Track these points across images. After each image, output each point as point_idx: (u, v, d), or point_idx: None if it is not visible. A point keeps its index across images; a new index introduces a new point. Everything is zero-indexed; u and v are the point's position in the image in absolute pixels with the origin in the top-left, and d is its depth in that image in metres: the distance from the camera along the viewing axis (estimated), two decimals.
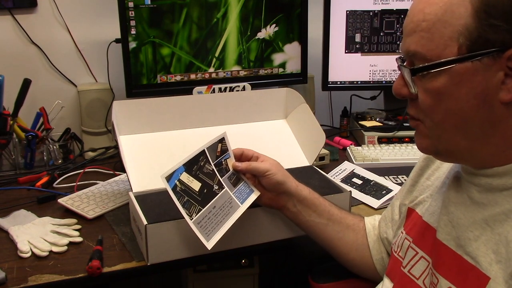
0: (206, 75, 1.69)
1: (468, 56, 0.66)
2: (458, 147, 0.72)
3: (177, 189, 0.96)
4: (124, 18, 1.55)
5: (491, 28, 0.64)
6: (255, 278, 1.56)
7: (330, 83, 1.81)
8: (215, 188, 1.01)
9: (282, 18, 1.71)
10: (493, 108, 0.67)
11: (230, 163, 1.05)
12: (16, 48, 1.68)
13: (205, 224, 0.97)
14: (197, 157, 1.01)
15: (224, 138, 1.05)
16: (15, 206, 1.30)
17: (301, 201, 1.03)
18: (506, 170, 0.70)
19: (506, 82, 0.66)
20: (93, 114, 1.70)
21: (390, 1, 1.74)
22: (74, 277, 1.01)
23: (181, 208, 0.95)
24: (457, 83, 0.68)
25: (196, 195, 0.98)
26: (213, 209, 0.99)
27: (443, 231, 0.78)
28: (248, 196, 1.05)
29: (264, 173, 1.01)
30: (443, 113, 0.70)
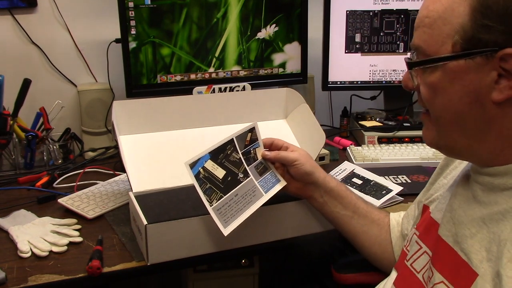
0: (206, 75, 1.69)
1: (461, 54, 0.68)
2: (456, 144, 0.74)
3: (200, 176, 0.99)
4: (124, 18, 1.55)
5: (485, 28, 0.65)
6: (255, 278, 1.57)
7: (330, 83, 1.81)
8: (240, 177, 1.04)
9: (282, 18, 1.71)
10: (485, 107, 0.69)
11: (259, 152, 1.08)
12: (16, 48, 1.68)
13: (225, 211, 0.99)
14: (224, 145, 1.04)
15: (254, 128, 1.08)
16: (15, 206, 1.30)
17: (328, 192, 1.05)
18: (507, 169, 0.71)
19: (499, 82, 0.67)
20: (93, 114, 1.70)
21: (390, 1, 1.74)
22: (74, 277, 1.01)
23: (202, 194, 0.98)
24: (450, 79, 0.70)
25: (219, 182, 1.01)
26: (235, 197, 1.01)
27: (444, 227, 0.79)
28: (273, 186, 1.06)
29: (292, 163, 1.03)
30: (439, 108, 0.73)
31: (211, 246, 1.08)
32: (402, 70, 1.79)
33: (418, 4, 1.73)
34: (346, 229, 1.06)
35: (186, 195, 1.14)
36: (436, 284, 0.76)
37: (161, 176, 1.21)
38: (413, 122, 1.78)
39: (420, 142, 1.68)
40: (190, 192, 1.15)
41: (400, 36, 1.77)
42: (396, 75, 1.80)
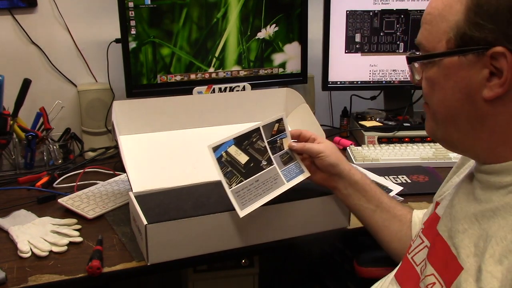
0: (206, 75, 1.69)
1: (455, 51, 0.70)
2: (452, 138, 0.76)
3: (222, 159, 1.04)
4: (124, 18, 1.55)
5: (477, 26, 0.67)
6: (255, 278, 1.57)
7: (330, 83, 1.81)
8: (263, 164, 1.07)
9: (282, 18, 1.71)
10: (477, 104, 0.70)
11: (286, 143, 1.11)
12: (16, 48, 1.68)
13: (243, 195, 1.03)
14: (250, 133, 1.08)
15: (282, 119, 1.11)
16: (15, 206, 1.30)
17: (352, 184, 1.07)
18: (502, 168, 0.72)
19: (491, 80, 0.68)
20: (93, 114, 1.70)
21: (390, 1, 1.74)
22: (74, 277, 1.01)
23: (222, 176, 1.02)
24: (445, 75, 0.72)
25: (241, 167, 1.04)
26: (255, 182, 1.05)
27: (442, 222, 0.81)
28: (296, 176, 1.09)
29: (317, 154, 1.06)
30: (436, 102, 0.76)
31: (211, 246, 1.08)
32: (402, 70, 1.79)
33: (418, 4, 1.73)
34: (368, 222, 1.08)
35: (186, 195, 1.14)
36: (427, 276, 0.78)
37: (161, 176, 1.21)
38: (413, 122, 1.78)
39: (420, 142, 1.68)
40: (190, 192, 1.15)
41: (400, 36, 1.77)
42: (396, 75, 1.80)
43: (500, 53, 0.66)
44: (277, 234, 1.13)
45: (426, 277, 0.78)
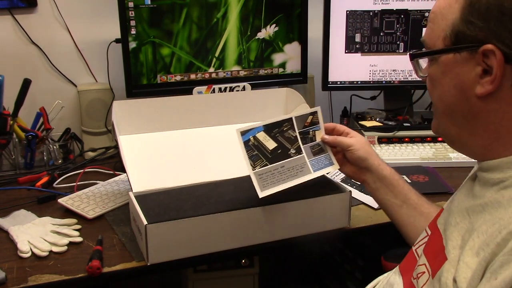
0: (206, 75, 1.69)
1: (450, 49, 0.73)
2: (451, 133, 0.79)
3: (249, 143, 1.08)
4: (124, 18, 1.55)
5: (470, 24, 0.70)
6: (255, 278, 1.57)
7: (330, 83, 1.81)
8: (291, 152, 1.11)
9: (282, 18, 1.71)
10: (470, 100, 0.72)
11: (319, 135, 1.14)
12: (16, 48, 1.68)
13: (266, 178, 1.07)
14: (281, 122, 1.12)
15: (317, 112, 1.15)
16: (15, 206, 1.30)
17: (381, 179, 1.09)
18: (496, 164, 0.74)
19: (483, 77, 0.70)
20: (93, 114, 1.70)
21: (390, 1, 1.74)
22: (74, 277, 1.01)
23: (247, 158, 1.06)
24: (442, 72, 0.75)
25: (267, 152, 1.08)
26: (280, 168, 1.09)
27: (442, 216, 0.83)
28: (325, 167, 1.13)
29: (348, 147, 1.10)
30: (436, 98, 0.79)
31: (211, 246, 1.08)
32: (402, 70, 1.79)
33: (418, 4, 1.73)
34: (394, 217, 1.09)
35: (186, 195, 1.14)
36: (419, 266, 0.81)
37: (161, 176, 1.21)
38: (413, 122, 1.78)
39: (420, 142, 1.68)
40: (190, 192, 1.15)
41: (400, 36, 1.77)
42: (396, 75, 1.80)
43: (490, 50, 0.68)
44: (277, 234, 1.13)
45: (419, 267, 0.82)
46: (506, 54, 0.67)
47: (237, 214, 1.07)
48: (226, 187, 1.18)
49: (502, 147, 0.73)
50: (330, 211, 1.16)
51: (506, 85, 0.69)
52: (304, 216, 1.14)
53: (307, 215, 1.14)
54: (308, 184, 1.17)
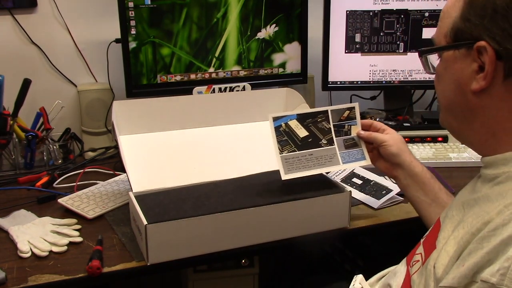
0: (206, 75, 1.69)
1: (451, 45, 0.76)
2: (453, 128, 0.82)
3: (280, 128, 1.12)
4: (124, 18, 1.55)
5: (467, 22, 0.72)
6: (255, 278, 1.57)
7: (330, 83, 1.81)
8: (323, 142, 1.15)
9: (282, 18, 1.71)
10: (467, 96, 0.75)
11: (354, 130, 1.18)
12: (16, 48, 1.68)
13: (292, 162, 1.12)
14: (315, 113, 1.16)
15: (354, 108, 1.19)
16: (15, 206, 1.30)
17: (412, 176, 1.11)
18: (492, 160, 0.75)
19: (479, 73, 0.72)
20: (93, 114, 1.70)
21: (390, 1, 1.74)
22: (74, 277, 1.01)
23: (276, 142, 1.12)
24: (444, 68, 0.78)
25: (297, 140, 1.13)
26: (308, 156, 1.13)
27: (445, 209, 0.86)
28: (355, 161, 1.17)
29: (380, 143, 1.14)
30: (439, 92, 0.82)
31: (211, 246, 1.08)
32: (402, 70, 1.79)
33: (418, 4, 1.73)
34: (423, 214, 1.10)
35: (186, 195, 1.14)
36: (416, 254, 0.85)
37: (161, 176, 1.21)
38: (413, 122, 1.78)
39: (420, 142, 1.68)
40: (190, 192, 1.15)
41: (400, 36, 1.77)
42: (396, 75, 1.80)
43: (483, 47, 0.70)
44: (277, 234, 1.13)
45: (415, 255, 0.85)
46: (497, 50, 0.69)
47: (237, 214, 1.07)
48: (226, 187, 1.18)
49: (497, 144, 0.74)
50: (330, 211, 1.16)
51: (498, 82, 0.71)
52: (304, 216, 1.14)
53: (307, 215, 1.14)
54: (308, 184, 1.17)
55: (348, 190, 1.17)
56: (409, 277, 0.84)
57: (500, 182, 0.72)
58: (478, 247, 0.66)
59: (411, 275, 0.83)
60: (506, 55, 0.69)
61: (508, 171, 0.72)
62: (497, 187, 0.72)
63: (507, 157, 0.73)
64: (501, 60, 0.69)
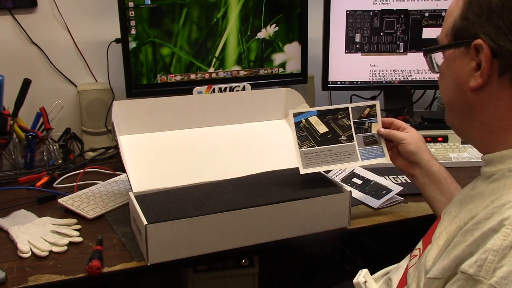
0: (206, 75, 1.69)
1: (452, 44, 0.77)
2: (455, 125, 0.83)
3: (300, 124, 1.16)
4: (124, 18, 1.55)
5: (466, 21, 0.74)
6: (255, 278, 1.57)
7: (330, 83, 1.81)
8: (342, 139, 1.18)
9: (282, 18, 1.71)
10: (466, 93, 0.76)
11: (375, 127, 1.20)
12: (16, 48, 1.68)
13: (311, 157, 1.15)
14: (336, 110, 1.19)
15: (375, 106, 1.21)
16: (15, 206, 1.30)
17: (429, 175, 1.12)
18: (490, 158, 0.76)
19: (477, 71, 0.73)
20: (93, 114, 1.70)
21: (390, 1, 1.74)
22: (74, 277, 1.01)
23: (295, 137, 1.15)
24: (446, 66, 0.80)
25: (317, 136, 1.16)
26: (327, 151, 1.16)
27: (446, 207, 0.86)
28: (375, 158, 1.19)
29: (400, 141, 1.16)
30: (442, 90, 0.83)
31: (211, 246, 1.08)
32: (402, 70, 1.79)
33: (418, 4, 1.73)
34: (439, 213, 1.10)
35: (186, 195, 1.14)
36: (415, 249, 0.87)
37: (161, 176, 1.21)
38: (413, 122, 1.78)
39: None
40: (190, 192, 1.15)
41: (400, 36, 1.76)
42: (396, 75, 1.80)
43: (479, 45, 0.71)
44: (277, 234, 1.13)
45: (414, 250, 0.87)
46: (492, 48, 0.70)
47: (237, 214, 1.07)
48: (226, 187, 1.18)
49: (495, 141, 0.75)
50: (330, 211, 1.16)
51: (494, 79, 0.72)
52: (304, 216, 1.14)
53: (307, 215, 1.14)
54: (308, 184, 1.17)
55: (348, 190, 1.17)
56: (407, 271, 0.86)
57: (495, 180, 0.73)
58: (461, 240, 0.68)
59: (408, 268, 0.85)
60: (500, 52, 0.70)
61: (504, 168, 0.73)
62: (492, 184, 0.73)
63: (504, 155, 0.74)
64: (496, 57, 0.71)
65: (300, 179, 1.18)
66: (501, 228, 0.63)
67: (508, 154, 0.73)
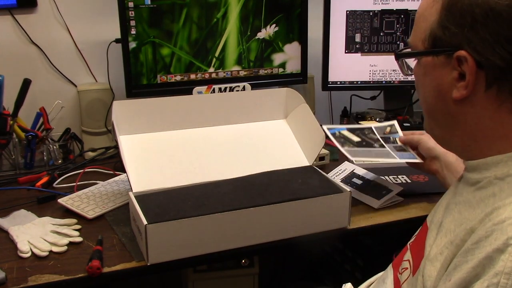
0: (206, 75, 1.69)
1: (430, 51, 0.73)
2: (435, 133, 0.81)
3: (336, 134, 1.26)
4: (124, 18, 1.55)
5: (445, 29, 0.70)
6: (255, 278, 1.57)
7: (330, 83, 1.81)
8: (375, 146, 1.27)
9: (282, 18, 1.71)
10: (448, 102, 0.73)
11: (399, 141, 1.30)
12: (16, 48, 1.68)
13: (355, 152, 1.23)
14: (361, 128, 1.32)
15: (394, 125, 1.34)
16: (15, 206, 1.30)
17: (447, 166, 1.15)
18: (475, 165, 0.75)
19: (459, 82, 0.70)
20: (93, 114, 1.70)
21: (390, 1, 1.74)
22: (74, 277, 1.01)
23: (336, 141, 1.24)
24: (424, 73, 0.76)
25: (353, 143, 1.26)
26: (367, 151, 1.25)
27: (430, 213, 0.86)
28: (409, 158, 1.25)
29: (418, 140, 1.22)
30: (420, 98, 0.80)
31: (211, 246, 1.08)
32: None
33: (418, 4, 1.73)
34: None
35: (186, 195, 1.14)
36: (404, 261, 0.84)
37: (161, 176, 1.21)
38: (413, 122, 1.78)
39: None
40: (190, 192, 1.15)
41: (400, 36, 1.77)
42: (396, 75, 1.80)
43: (463, 57, 0.68)
44: (277, 234, 1.13)
45: (403, 262, 0.84)
46: (478, 60, 0.67)
47: (237, 214, 1.07)
48: (226, 187, 1.18)
49: (479, 149, 0.73)
50: (330, 211, 1.16)
51: (480, 91, 0.69)
52: (304, 216, 1.14)
53: (307, 215, 1.14)
54: (308, 184, 1.17)
55: (348, 190, 1.17)
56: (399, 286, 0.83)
57: (481, 187, 0.72)
58: (463, 261, 0.65)
59: (401, 283, 0.82)
60: (487, 65, 0.67)
61: (490, 176, 0.71)
62: (479, 192, 0.72)
63: (489, 162, 0.72)
64: (482, 69, 0.68)
65: (300, 179, 1.19)
66: (507, 248, 0.60)
67: (493, 161, 0.71)
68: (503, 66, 0.66)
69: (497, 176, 0.70)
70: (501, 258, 0.60)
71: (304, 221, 1.14)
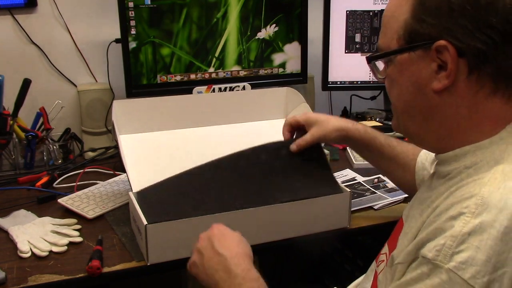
0: (206, 75, 1.69)
1: (405, 48, 0.74)
2: (409, 130, 0.81)
3: None
4: (124, 18, 1.55)
5: (421, 22, 0.71)
6: None
7: (330, 83, 1.81)
8: (366, 194, 1.32)
9: (282, 18, 1.71)
10: (428, 96, 0.74)
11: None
12: (16, 48, 1.68)
13: None
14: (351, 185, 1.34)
15: (380, 176, 1.40)
16: (15, 206, 1.30)
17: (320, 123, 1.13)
18: (445, 158, 0.77)
19: (439, 73, 0.72)
20: (93, 114, 1.70)
21: None
22: (74, 277, 1.01)
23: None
24: (399, 71, 0.76)
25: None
26: (359, 201, 1.29)
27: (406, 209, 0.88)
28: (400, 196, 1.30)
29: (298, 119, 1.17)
30: (394, 97, 0.80)
31: None
32: None
33: None
34: (377, 167, 1.20)
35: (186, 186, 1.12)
36: (381, 254, 0.88)
37: (161, 176, 1.21)
38: None
39: None
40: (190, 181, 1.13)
41: None
42: None
43: (443, 46, 0.69)
44: (277, 234, 1.13)
45: (381, 255, 0.88)
46: (459, 48, 0.69)
47: (237, 214, 1.07)
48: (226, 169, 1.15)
49: (452, 141, 0.75)
50: (330, 211, 1.16)
51: (461, 78, 0.71)
52: (304, 216, 1.14)
53: (307, 215, 1.14)
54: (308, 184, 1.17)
55: (348, 190, 1.17)
56: (376, 277, 0.86)
57: (451, 178, 0.75)
58: (423, 230, 0.70)
59: (378, 274, 0.85)
60: (469, 51, 0.69)
61: (459, 166, 0.74)
62: (449, 182, 0.74)
63: (458, 153, 0.74)
64: (463, 57, 0.69)
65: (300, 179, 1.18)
66: (460, 216, 0.65)
67: (461, 152, 0.74)
68: (484, 49, 0.68)
69: (466, 166, 0.73)
70: (451, 224, 0.65)
71: (304, 221, 1.14)
